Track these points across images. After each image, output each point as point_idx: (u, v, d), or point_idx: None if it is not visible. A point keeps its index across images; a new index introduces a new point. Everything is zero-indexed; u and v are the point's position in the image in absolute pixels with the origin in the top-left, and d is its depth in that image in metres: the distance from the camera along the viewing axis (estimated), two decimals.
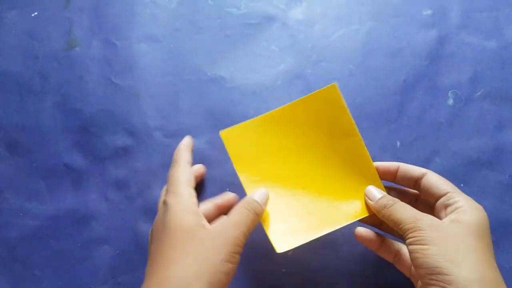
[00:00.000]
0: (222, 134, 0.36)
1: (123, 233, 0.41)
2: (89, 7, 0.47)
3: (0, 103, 0.45)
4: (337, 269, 0.39)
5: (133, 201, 0.41)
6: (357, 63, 0.44)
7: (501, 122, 0.42)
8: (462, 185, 0.40)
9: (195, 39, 0.46)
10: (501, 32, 0.44)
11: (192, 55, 0.46)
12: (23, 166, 0.43)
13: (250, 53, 0.45)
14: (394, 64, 0.44)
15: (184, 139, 0.37)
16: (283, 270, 0.39)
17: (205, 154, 0.42)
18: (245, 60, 0.45)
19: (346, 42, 0.45)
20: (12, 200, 0.42)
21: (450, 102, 0.43)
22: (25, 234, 0.41)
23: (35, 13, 0.47)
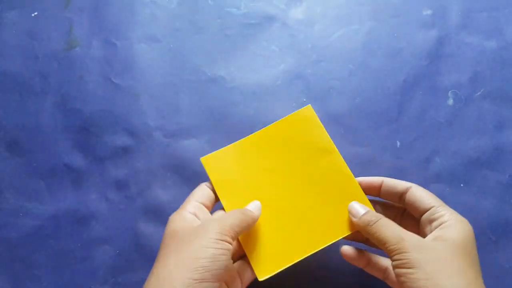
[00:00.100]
0: (203, 160, 0.36)
1: (123, 233, 0.41)
2: (89, 7, 0.47)
3: (0, 103, 0.45)
4: (337, 268, 0.39)
5: (133, 201, 0.41)
6: (357, 63, 0.44)
7: (501, 122, 0.42)
8: (462, 185, 0.40)
9: (195, 39, 0.46)
10: (501, 32, 0.44)
11: (192, 55, 0.46)
12: (23, 166, 0.43)
13: (250, 53, 0.45)
14: (394, 64, 0.44)
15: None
16: None
17: (205, 154, 0.42)
18: (245, 60, 0.45)
19: (346, 42, 0.45)
20: (12, 200, 0.42)
21: (450, 102, 0.43)
22: (25, 234, 0.41)
23: (35, 13, 0.47)
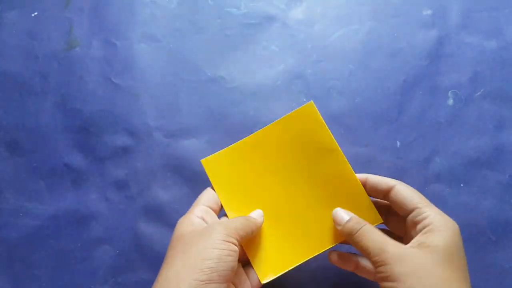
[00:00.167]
0: (203, 162, 0.36)
1: (123, 233, 0.41)
2: (89, 7, 0.47)
3: (0, 103, 0.45)
4: (337, 268, 0.39)
5: (133, 201, 0.41)
6: (357, 63, 0.44)
7: (501, 122, 0.42)
8: (462, 185, 0.40)
9: (195, 39, 0.46)
10: (501, 32, 0.44)
11: (192, 55, 0.46)
12: (23, 166, 0.43)
13: (250, 53, 0.45)
14: (394, 64, 0.44)
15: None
16: None
17: (205, 154, 0.42)
18: (245, 60, 0.45)
19: (346, 42, 0.45)
20: (12, 200, 0.42)
21: (450, 102, 0.43)
22: (25, 234, 0.41)
23: (35, 13, 0.47)
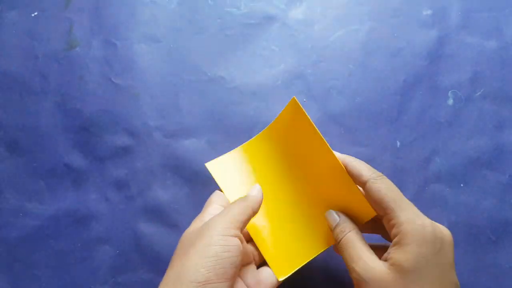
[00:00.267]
0: (208, 165, 0.36)
1: (123, 233, 0.41)
2: (89, 7, 0.47)
3: (0, 103, 0.45)
4: (338, 268, 0.39)
5: (133, 201, 0.41)
6: (357, 63, 0.44)
7: (501, 122, 0.42)
8: (462, 185, 0.40)
9: (195, 39, 0.46)
10: (501, 32, 0.44)
11: (192, 55, 0.45)
12: (23, 166, 0.43)
13: (250, 53, 0.45)
14: (394, 64, 0.44)
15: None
16: None
17: (205, 154, 0.42)
18: (245, 60, 0.45)
19: (346, 42, 0.45)
20: (12, 200, 0.42)
21: (450, 102, 0.43)
22: (25, 234, 0.41)
23: (35, 13, 0.47)
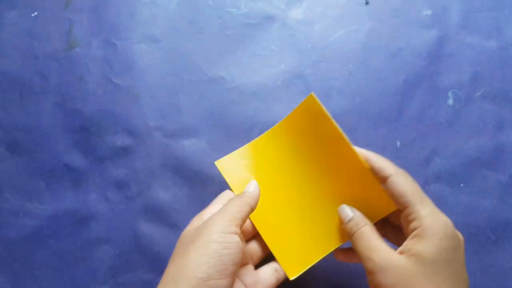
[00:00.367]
0: (217, 163, 0.36)
1: (123, 233, 0.41)
2: (89, 7, 0.47)
3: (0, 103, 0.45)
4: (338, 268, 0.39)
5: (133, 201, 0.41)
6: (357, 63, 0.44)
7: (501, 122, 0.42)
8: (462, 185, 0.40)
9: (195, 39, 0.46)
10: (501, 32, 0.44)
11: (192, 55, 0.45)
12: (23, 166, 0.43)
13: (250, 53, 0.45)
14: (394, 64, 0.44)
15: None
16: None
17: (205, 154, 0.42)
18: (245, 60, 0.45)
19: (346, 42, 0.45)
20: (12, 200, 0.42)
21: (450, 102, 0.43)
22: (25, 234, 0.41)
23: (35, 13, 0.47)
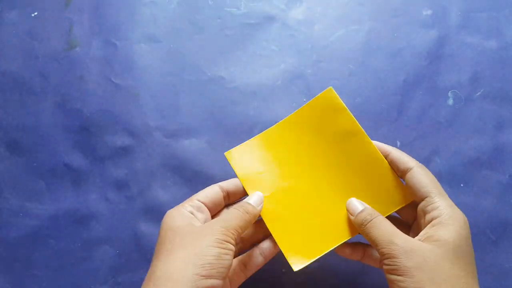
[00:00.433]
0: (227, 154, 0.36)
1: (123, 233, 0.41)
2: (89, 7, 0.47)
3: (0, 103, 0.45)
4: (337, 268, 0.39)
5: (133, 201, 0.41)
6: (357, 63, 0.44)
7: (501, 122, 0.42)
8: (462, 185, 0.40)
9: (195, 39, 0.46)
10: (501, 32, 0.44)
11: (192, 55, 0.46)
12: (23, 166, 0.43)
13: (250, 53, 0.45)
14: (394, 64, 0.44)
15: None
16: (283, 270, 0.39)
17: (205, 154, 0.42)
18: (245, 60, 0.45)
19: (346, 42, 0.45)
20: (12, 200, 0.42)
21: (450, 102, 0.43)
22: (25, 234, 0.41)
23: (35, 13, 0.47)
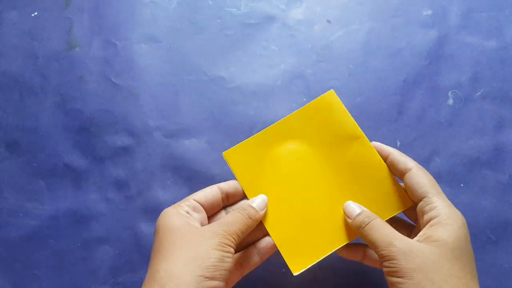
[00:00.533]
0: (225, 154, 0.36)
1: (123, 233, 0.41)
2: (89, 7, 0.47)
3: (0, 103, 0.45)
4: (338, 268, 0.39)
5: (133, 201, 0.41)
6: (357, 63, 0.44)
7: (501, 122, 0.42)
8: (462, 185, 0.40)
9: (195, 39, 0.46)
10: (501, 32, 0.44)
11: (192, 55, 0.45)
12: (23, 166, 0.43)
13: (250, 53, 0.45)
14: (394, 64, 0.44)
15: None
16: (283, 270, 0.39)
17: (205, 154, 0.42)
18: (245, 60, 0.45)
19: (346, 42, 0.45)
20: (12, 200, 0.42)
21: (450, 102, 0.43)
22: (25, 234, 0.41)
23: (35, 13, 0.47)
